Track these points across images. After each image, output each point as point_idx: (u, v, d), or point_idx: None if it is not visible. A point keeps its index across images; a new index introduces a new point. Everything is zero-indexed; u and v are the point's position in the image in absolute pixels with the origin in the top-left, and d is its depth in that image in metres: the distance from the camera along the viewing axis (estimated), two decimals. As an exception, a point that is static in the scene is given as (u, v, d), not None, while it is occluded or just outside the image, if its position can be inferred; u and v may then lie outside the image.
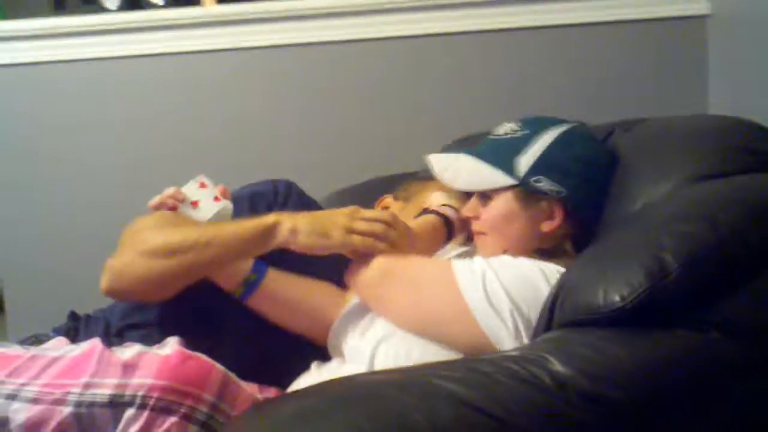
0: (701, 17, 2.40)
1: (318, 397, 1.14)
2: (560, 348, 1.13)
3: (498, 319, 1.34)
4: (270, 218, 1.45)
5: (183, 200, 1.57)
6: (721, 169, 1.43)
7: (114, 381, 1.26)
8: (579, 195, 1.52)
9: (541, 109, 2.35)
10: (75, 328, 1.66)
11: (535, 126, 1.58)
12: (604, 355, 1.11)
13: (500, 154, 1.56)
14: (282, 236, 1.44)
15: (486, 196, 1.58)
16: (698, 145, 1.51)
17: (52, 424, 1.24)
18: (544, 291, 1.33)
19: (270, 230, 1.45)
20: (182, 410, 1.24)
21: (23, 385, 1.29)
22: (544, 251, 1.53)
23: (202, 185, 1.57)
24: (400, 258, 1.48)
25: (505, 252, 1.51)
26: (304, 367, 1.57)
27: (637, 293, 1.12)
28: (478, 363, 1.15)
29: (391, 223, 1.50)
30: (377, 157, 2.51)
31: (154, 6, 2.60)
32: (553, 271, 1.39)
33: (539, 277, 1.37)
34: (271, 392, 1.48)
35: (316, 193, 2.21)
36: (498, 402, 1.04)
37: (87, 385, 1.26)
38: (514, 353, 1.16)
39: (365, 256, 1.48)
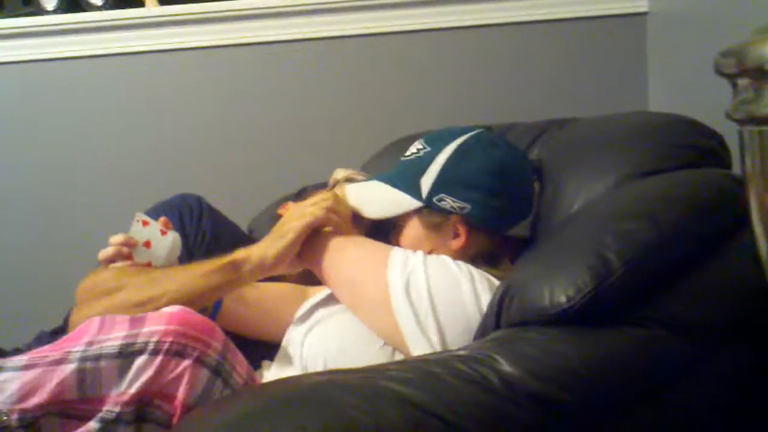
0: (640, 15, 2.43)
1: (262, 399, 1.14)
2: (508, 348, 1.14)
3: (412, 315, 1.35)
4: (237, 253, 1.48)
5: (135, 244, 1.55)
6: (661, 165, 1.45)
7: (122, 333, 1.21)
8: (484, 208, 1.50)
9: (481, 109, 2.39)
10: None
11: (435, 143, 1.55)
12: (552, 355, 1.12)
13: (405, 177, 1.55)
14: (252, 263, 1.47)
15: (398, 223, 1.57)
16: (637, 142, 1.53)
17: (50, 386, 1.18)
18: (468, 300, 1.35)
19: (239, 263, 1.47)
20: (195, 354, 1.21)
21: (8, 360, 1.23)
22: (479, 259, 1.51)
23: (145, 223, 1.57)
24: (349, 238, 1.51)
25: None
26: (255, 367, 1.57)
27: (583, 293, 1.13)
28: (425, 363, 1.15)
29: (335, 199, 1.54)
30: (322, 161, 2.51)
31: (94, 7, 2.56)
32: (482, 278, 1.40)
33: (467, 286, 1.37)
34: None
35: (261, 200, 2.22)
36: (445, 403, 1.05)
37: (91, 342, 1.21)
38: (462, 353, 1.17)
39: (319, 233, 1.50)
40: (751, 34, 0.93)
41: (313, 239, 1.50)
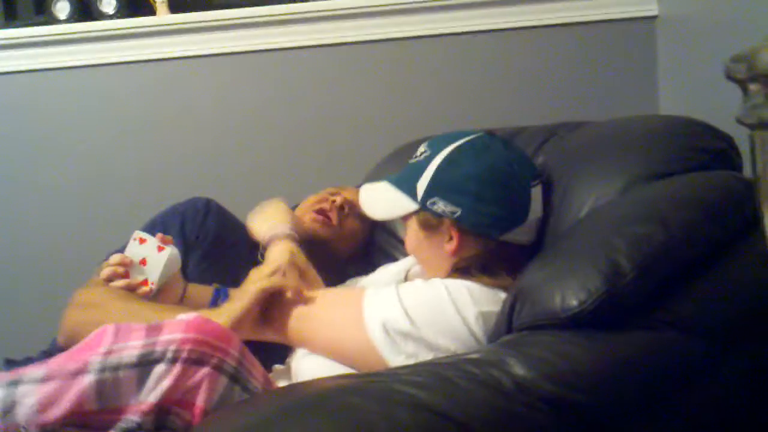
0: (649, 18, 2.43)
1: (275, 404, 1.14)
2: (520, 351, 1.14)
3: (397, 349, 1.37)
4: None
5: (131, 263, 1.61)
6: (671, 168, 1.45)
7: (140, 342, 1.22)
8: (474, 213, 1.48)
9: (491, 112, 2.39)
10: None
11: (434, 146, 1.55)
12: (564, 357, 1.12)
13: (407, 180, 1.56)
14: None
15: (404, 225, 1.60)
16: (646, 145, 1.53)
17: (69, 398, 1.19)
18: (450, 314, 1.37)
19: None
20: (213, 361, 1.22)
21: (26, 373, 1.23)
22: (473, 264, 1.51)
23: (142, 241, 1.62)
24: (313, 299, 1.52)
25: (431, 276, 1.53)
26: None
27: (594, 297, 1.14)
28: (438, 366, 1.16)
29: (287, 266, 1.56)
30: (339, 164, 2.53)
31: (106, 16, 2.58)
32: (462, 289, 1.40)
33: (446, 303, 1.38)
34: None
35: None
36: (459, 406, 1.05)
37: (108, 352, 1.21)
38: (474, 356, 1.17)
39: (279, 301, 1.52)
40: (763, 40, 0.94)
41: (277, 308, 1.52)
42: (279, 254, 1.59)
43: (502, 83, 2.53)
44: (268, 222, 1.75)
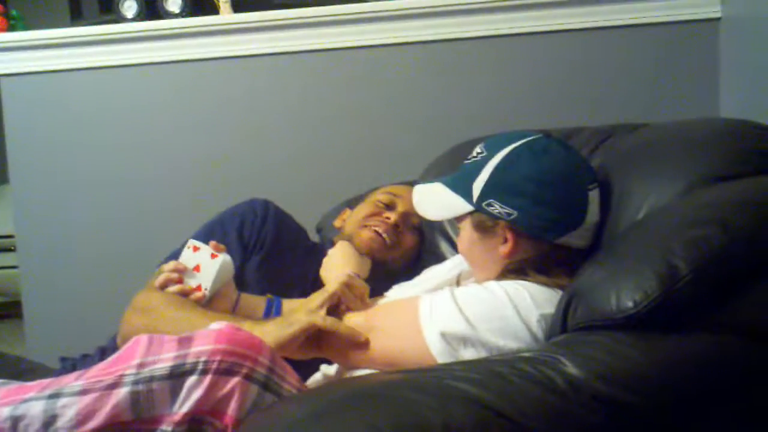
0: (713, 21, 2.41)
1: (333, 396, 1.16)
2: (573, 350, 1.15)
3: (458, 354, 1.35)
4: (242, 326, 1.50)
5: (185, 270, 1.67)
6: (732, 171, 1.42)
7: (172, 354, 1.25)
8: (530, 216, 1.46)
9: (551, 114, 2.39)
10: (73, 366, 1.73)
11: (492, 147, 1.52)
12: (618, 357, 1.12)
13: (462, 180, 1.54)
14: None
15: (458, 226, 1.59)
16: (706, 148, 1.50)
17: (106, 410, 1.24)
18: (513, 319, 1.35)
19: None
20: (243, 371, 1.25)
21: (65, 385, 1.28)
22: (528, 266, 1.49)
23: (195, 249, 1.67)
24: (366, 318, 1.50)
25: (483, 278, 1.53)
26: (313, 369, 1.63)
27: (650, 299, 1.13)
28: (492, 364, 1.17)
29: (348, 287, 1.55)
30: (392, 164, 2.54)
31: (172, 15, 2.63)
32: (521, 289, 1.39)
33: (505, 302, 1.38)
34: None
35: (328, 203, 2.26)
36: (512, 403, 1.06)
37: (142, 365, 1.26)
38: (527, 354, 1.18)
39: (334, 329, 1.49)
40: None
41: (329, 336, 1.49)
42: (335, 279, 1.57)
43: (562, 84, 2.53)
44: (334, 271, 1.78)
